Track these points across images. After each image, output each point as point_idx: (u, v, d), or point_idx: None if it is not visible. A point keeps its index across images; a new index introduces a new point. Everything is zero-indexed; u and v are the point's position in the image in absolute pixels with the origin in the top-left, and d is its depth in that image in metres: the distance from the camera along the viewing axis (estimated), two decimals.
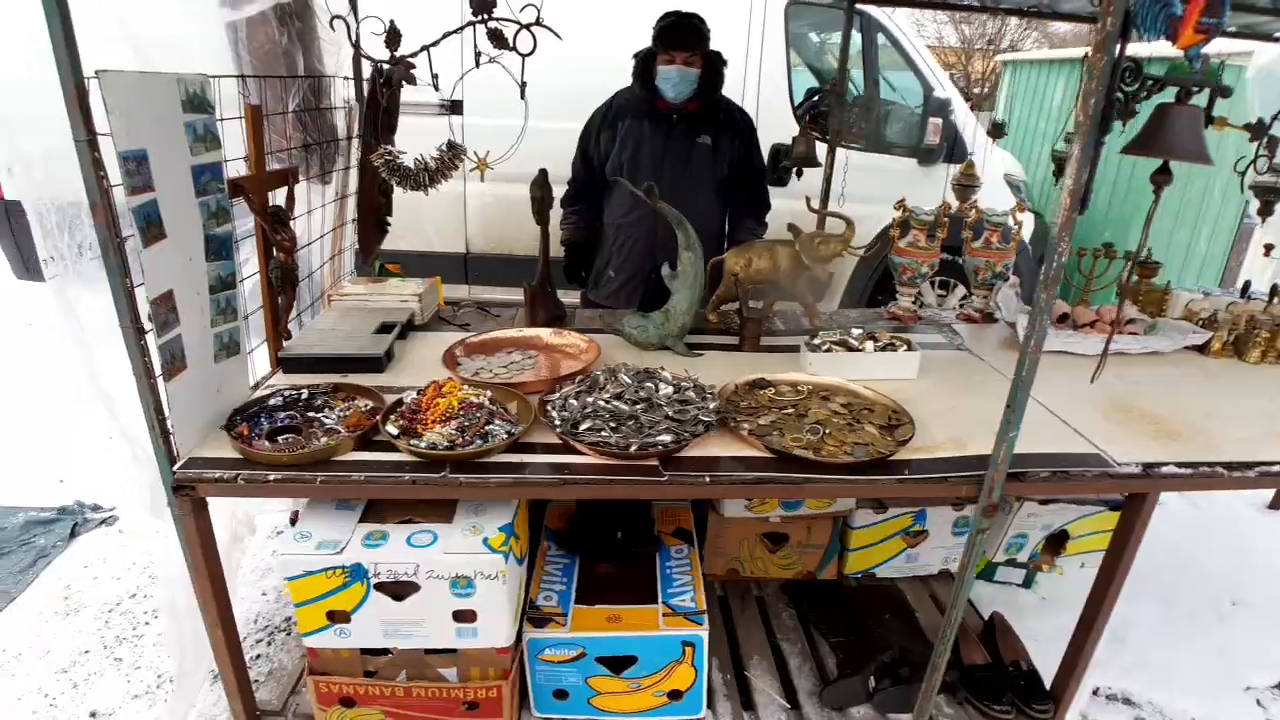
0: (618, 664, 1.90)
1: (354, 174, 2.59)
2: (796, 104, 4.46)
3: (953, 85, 4.75)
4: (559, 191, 2.52)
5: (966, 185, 2.66)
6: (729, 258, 2.44)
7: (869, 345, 2.20)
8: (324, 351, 2.03)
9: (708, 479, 1.63)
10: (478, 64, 2.02)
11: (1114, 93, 1.46)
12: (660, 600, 1.96)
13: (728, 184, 2.82)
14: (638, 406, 1.74)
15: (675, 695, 1.94)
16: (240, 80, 1.92)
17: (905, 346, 2.22)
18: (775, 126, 4.07)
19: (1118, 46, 1.37)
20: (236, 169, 1.90)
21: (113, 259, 1.42)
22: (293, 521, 3.08)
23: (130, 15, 1.61)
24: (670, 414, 1.73)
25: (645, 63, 2.64)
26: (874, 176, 4.15)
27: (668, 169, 2.64)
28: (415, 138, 2.30)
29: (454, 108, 4.30)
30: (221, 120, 1.71)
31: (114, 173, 1.37)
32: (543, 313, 2.42)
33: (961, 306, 2.85)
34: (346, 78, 2.48)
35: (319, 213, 2.44)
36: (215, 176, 1.69)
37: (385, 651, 1.76)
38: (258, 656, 2.36)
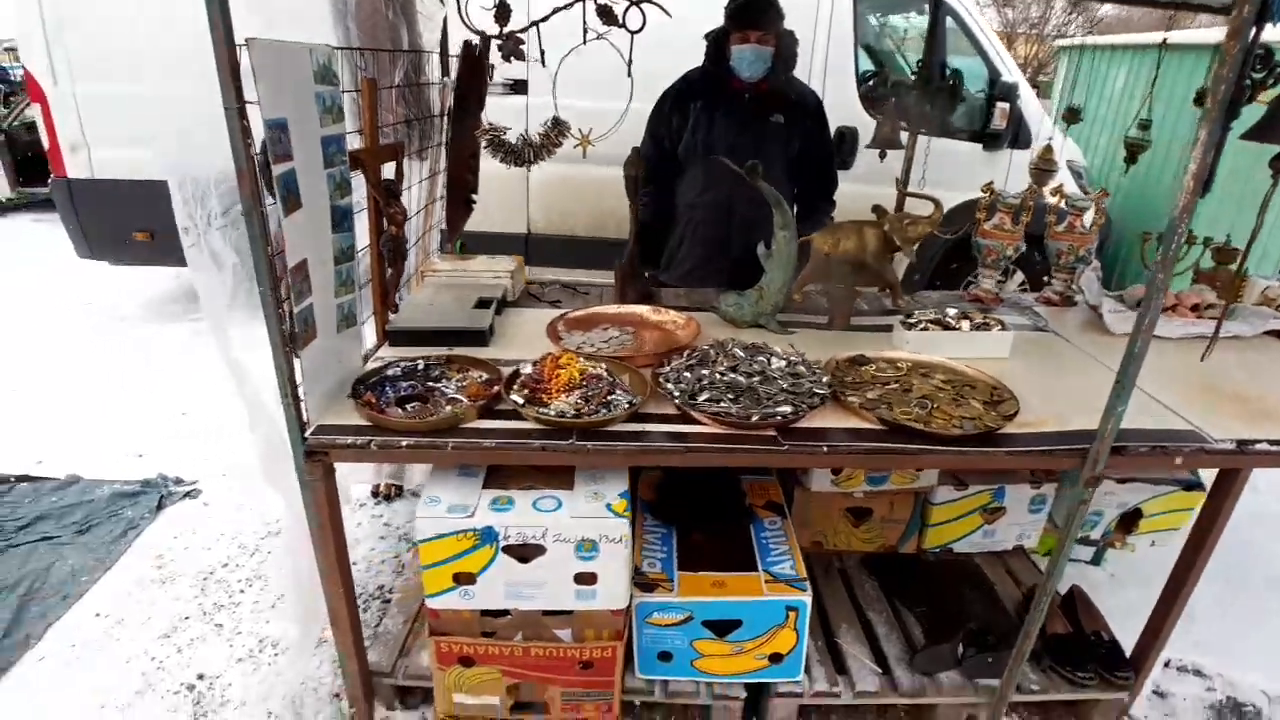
0: (721, 628, 1.95)
1: (442, 151, 2.63)
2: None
3: (1018, 69, 4.72)
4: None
5: (1045, 169, 2.66)
6: (817, 238, 2.46)
7: (965, 324, 2.22)
8: (430, 325, 2.08)
9: (825, 448, 1.67)
10: (585, 40, 2.05)
11: (1244, 79, 1.47)
12: (760, 568, 2.01)
13: (798, 164, 2.84)
14: (754, 379, 1.77)
15: (776, 658, 1.99)
16: (357, 53, 1.96)
17: (999, 326, 2.24)
18: (839, 109, 4.07)
19: (1252, 33, 1.38)
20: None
21: (256, 227, 1.46)
22: (374, 494, 3.19)
23: None
24: (785, 387, 1.76)
25: (718, 42, 2.66)
26: (938, 161, 4.14)
27: (741, 148, 2.66)
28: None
29: (517, 87, 4.35)
30: (345, 92, 1.75)
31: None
32: (632, 291, 2.46)
33: (1022, 290, 2.87)
34: (451, 55, 2.50)
35: (415, 189, 2.48)
36: (340, 149, 1.73)
37: (504, 613, 1.81)
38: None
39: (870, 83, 4.65)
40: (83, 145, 4.74)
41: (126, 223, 4.97)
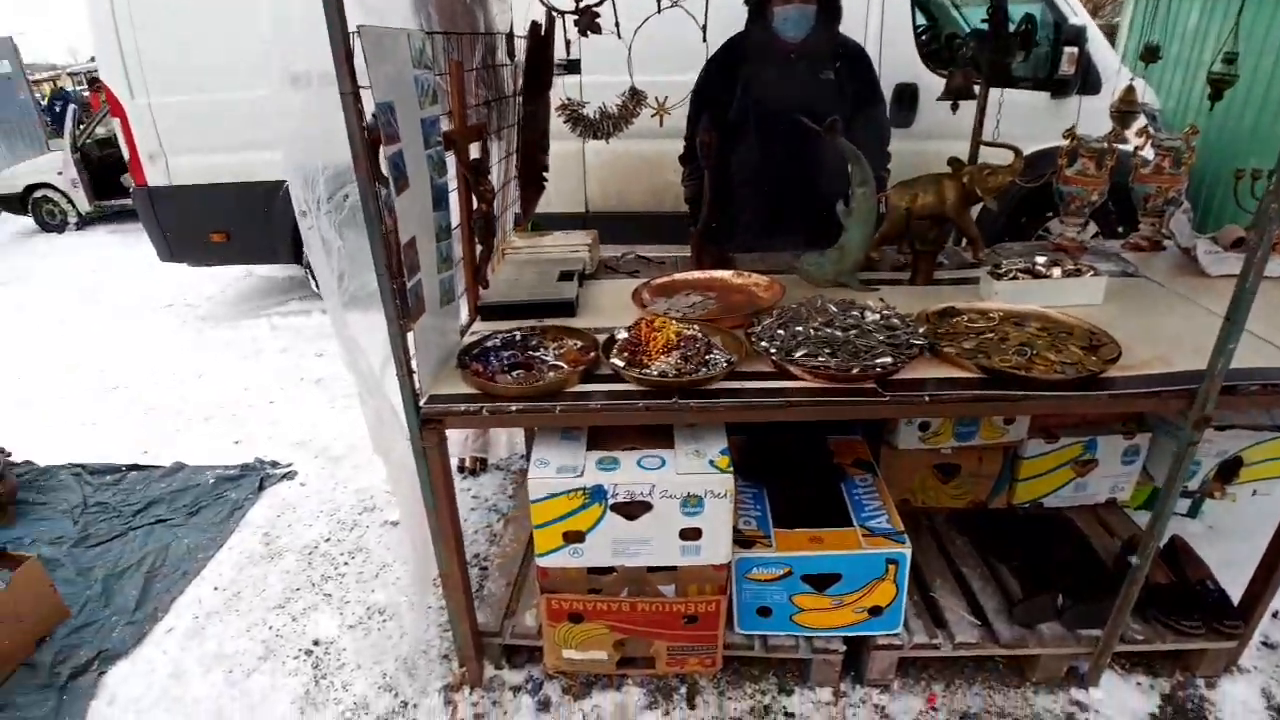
0: (821, 582, 1.98)
1: (514, 132, 2.68)
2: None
3: (1085, 11, 4.55)
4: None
5: (1127, 111, 2.59)
6: (893, 194, 2.44)
7: (1055, 272, 2.20)
8: (520, 299, 2.15)
9: (927, 398, 1.68)
10: (660, 9, 2.08)
11: None
12: (856, 523, 2.03)
13: (850, 119, 2.79)
14: (850, 333, 1.79)
15: (875, 611, 2.02)
16: (441, 37, 2.01)
17: (1091, 272, 2.21)
18: (898, 66, 4.01)
19: None
20: None
21: (372, 207, 1.53)
22: (460, 469, 3.30)
23: None
24: (881, 339, 1.78)
25: (759, 4, 2.63)
26: (1003, 112, 4.05)
27: (795, 108, 2.63)
28: None
29: (570, 67, 4.38)
30: (438, 75, 1.80)
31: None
32: (708, 258, 2.48)
33: (1095, 239, 2.80)
34: (520, 36, 2.55)
35: (495, 169, 2.55)
36: (435, 129, 1.79)
37: (610, 570, 1.88)
38: None
39: (924, 38, 4.55)
40: (160, 154, 4.98)
41: (203, 225, 5.24)
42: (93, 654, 2.47)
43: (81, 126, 9.28)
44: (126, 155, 5.05)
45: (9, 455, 3.50)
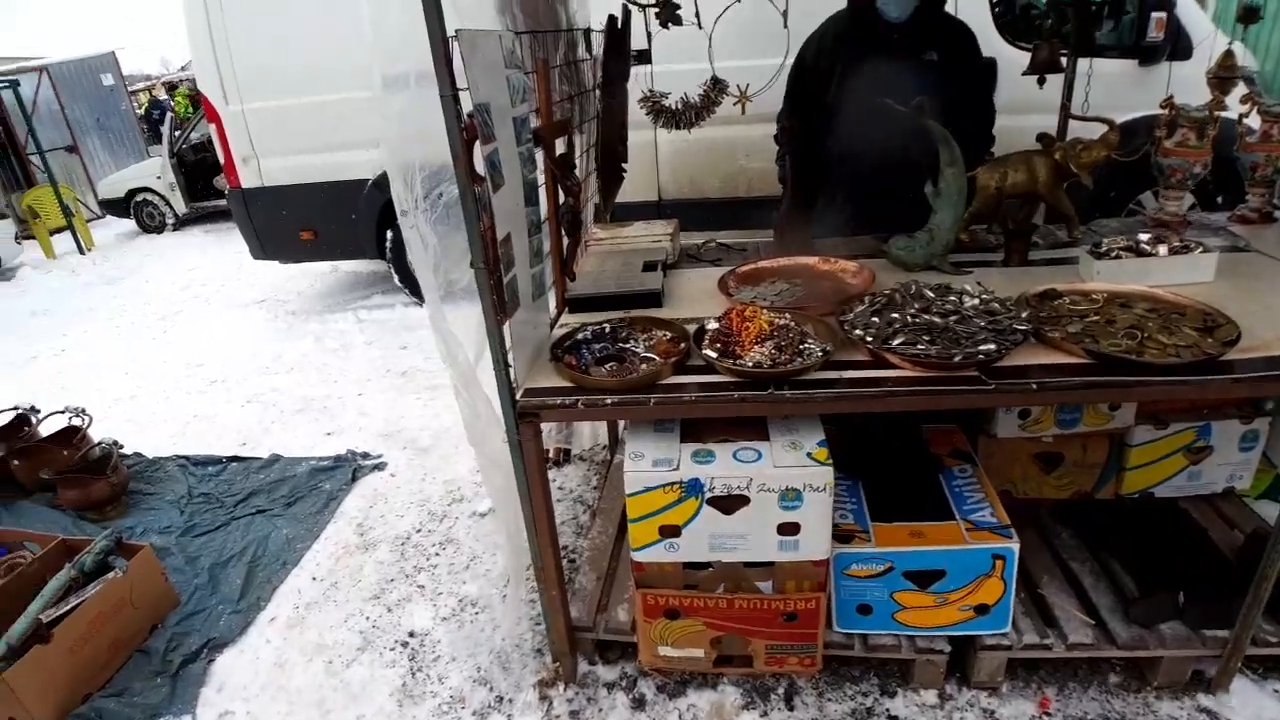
0: (923, 579, 1.92)
1: (595, 125, 2.68)
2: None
3: None
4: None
5: (1226, 77, 2.43)
6: (982, 173, 2.35)
7: (1161, 249, 2.08)
8: (607, 290, 2.14)
9: (1035, 385, 1.61)
10: None
11: None
12: (958, 517, 1.96)
13: (955, 101, 2.70)
14: (950, 319, 1.73)
15: (982, 609, 1.95)
16: (531, 36, 2.02)
17: (1200, 248, 2.08)
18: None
19: None
20: None
21: (471, 205, 1.54)
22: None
23: None
24: (983, 325, 1.71)
25: None
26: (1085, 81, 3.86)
27: (895, 90, 2.55)
28: None
29: (641, 57, 4.36)
30: (528, 74, 1.81)
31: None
32: (792, 244, 2.43)
33: (1192, 209, 2.64)
34: (597, 30, 2.55)
35: (578, 162, 2.55)
36: (526, 127, 1.80)
37: (705, 566, 1.86)
38: None
39: (998, 10, 4.36)
40: (253, 157, 5.24)
41: (293, 224, 5.47)
42: (202, 642, 2.59)
43: (177, 133, 9.79)
44: (221, 159, 5.34)
45: (121, 448, 3.68)
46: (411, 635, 2.53)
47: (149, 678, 2.47)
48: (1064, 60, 2.94)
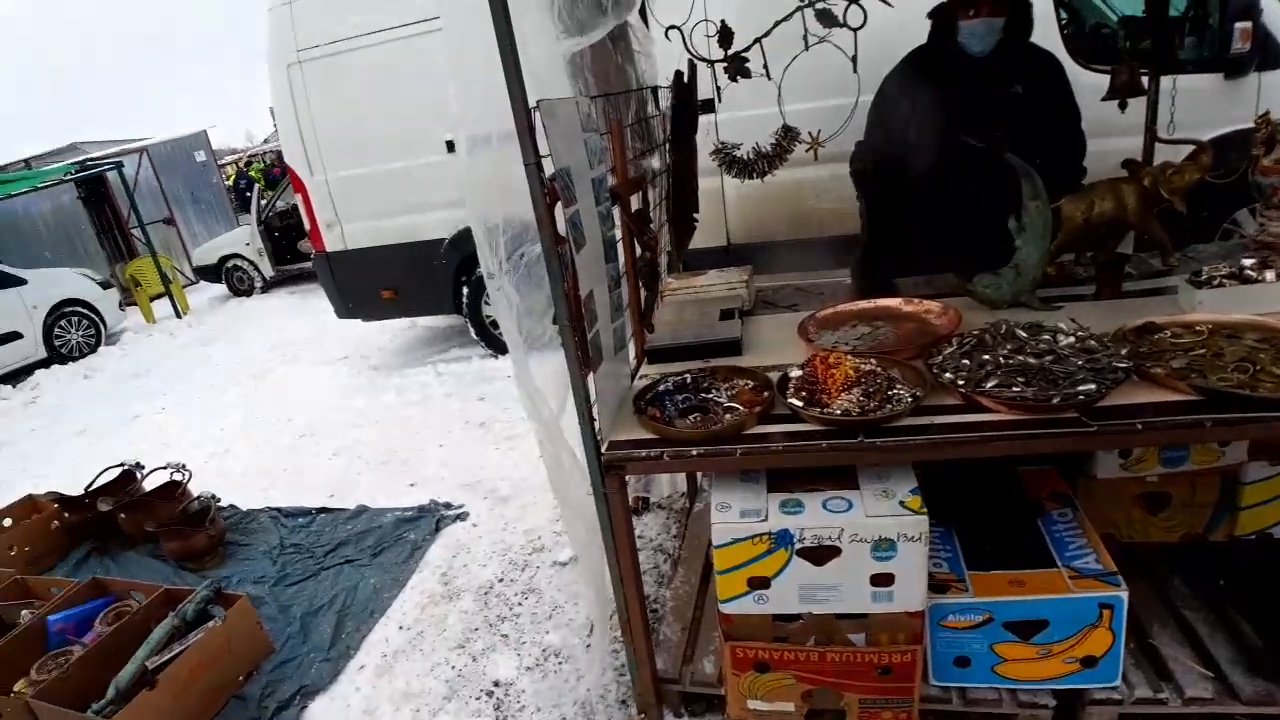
0: (1025, 629, 1.84)
1: (665, 178, 2.73)
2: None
3: None
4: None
5: None
6: (1066, 204, 2.29)
7: (1268, 274, 1.98)
8: (686, 340, 2.16)
9: (1139, 425, 1.54)
10: (806, 46, 2.06)
11: None
12: (1060, 564, 1.88)
13: (1042, 134, 2.64)
14: (1046, 359, 1.68)
15: (1089, 662, 1.85)
16: (604, 99, 2.08)
17: None
18: None
19: None
20: None
21: (555, 265, 1.58)
22: None
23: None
24: (1081, 364, 1.65)
25: (944, 18, 2.54)
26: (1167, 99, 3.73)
27: (978, 125, 2.52)
28: None
29: (704, 106, 4.43)
30: (603, 135, 1.86)
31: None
32: (870, 285, 2.41)
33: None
34: (664, 86, 2.62)
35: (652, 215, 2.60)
36: (604, 187, 1.85)
37: (795, 618, 1.82)
38: None
39: (1067, 31, 4.27)
40: (336, 222, 5.58)
41: (374, 284, 5.75)
42: (295, 689, 2.66)
43: (263, 202, 10.45)
44: (307, 225, 5.69)
45: (218, 501, 3.85)
46: (496, 685, 2.54)
47: None
48: (1145, 80, 2.86)
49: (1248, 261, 2.04)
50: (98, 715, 2.36)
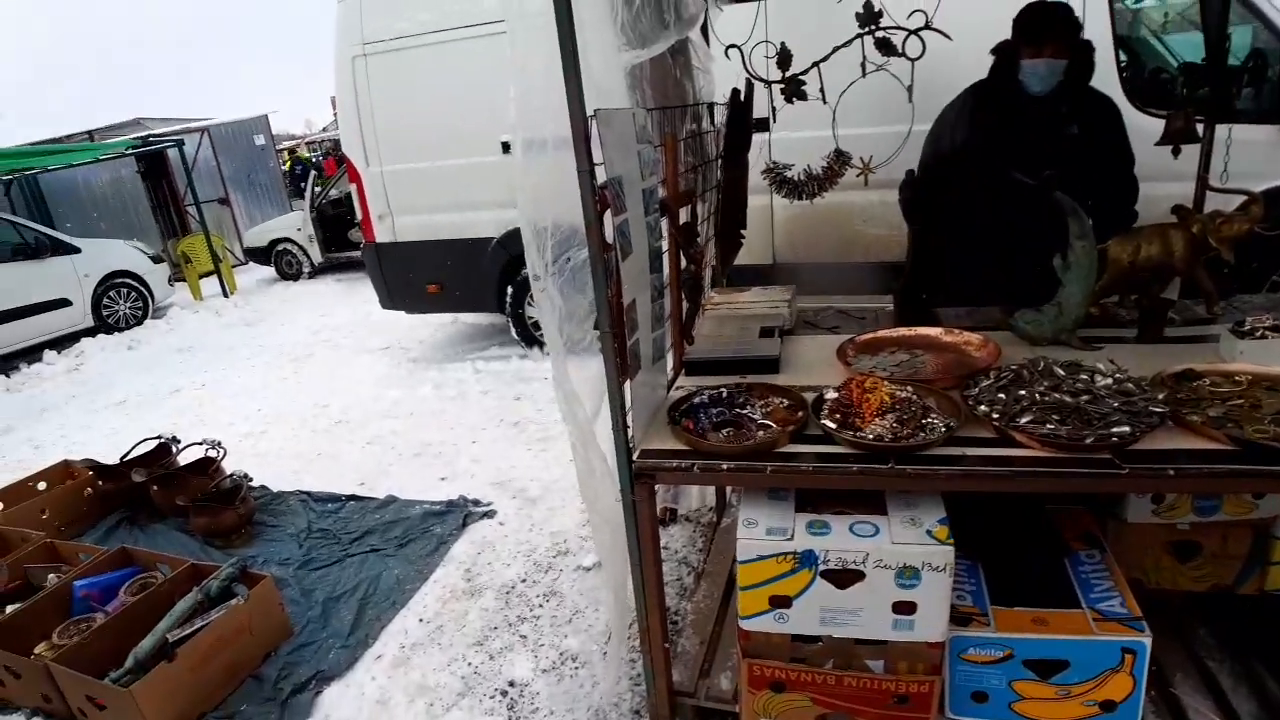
0: (1045, 669, 1.83)
1: (715, 193, 2.76)
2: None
3: None
4: None
5: None
6: (1113, 246, 2.28)
7: None
8: (725, 355, 2.18)
9: (1171, 471, 1.54)
10: (864, 73, 2.08)
11: None
12: (1084, 605, 1.87)
13: (1098, 176, 2.64)
14: (1082, 398, 1.68)
15: (1108, 706, 1.83)
16: (660, 112, 2.12)
17: None
18: None
19: None
20: None
21: (600, 272, 1.62)
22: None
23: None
24: (1116, 406, 1.65)
25: (1008, 55, 2.55)
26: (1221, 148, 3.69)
27: (1034, 163, 2.53)
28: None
29: (758, 125, 4.47)
30: (656, 148, 1.90)
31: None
32: (912, 313, 2.42)
33: None
34: (720, 103, 2.66)
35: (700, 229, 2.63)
36: (654, 198, 1.88)
37: (815, 640, 1.83)
38: None
39: (1126, 75, 4.25)
40: (388, 214, 5.70)
41: (421, 277, 5.88)
42: (311, 673, 2.71)
43: (318, 189, 10.69)
44: (359, 215, 5.82)
45: (250, 480, 3.95)
46: (511, 685, 2.57)
47: (260, 703, 2.61)
48: (1200, 128, 2.84)
49: None
50: (114, 683, 2.41)
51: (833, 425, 1.71)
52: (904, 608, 1.72)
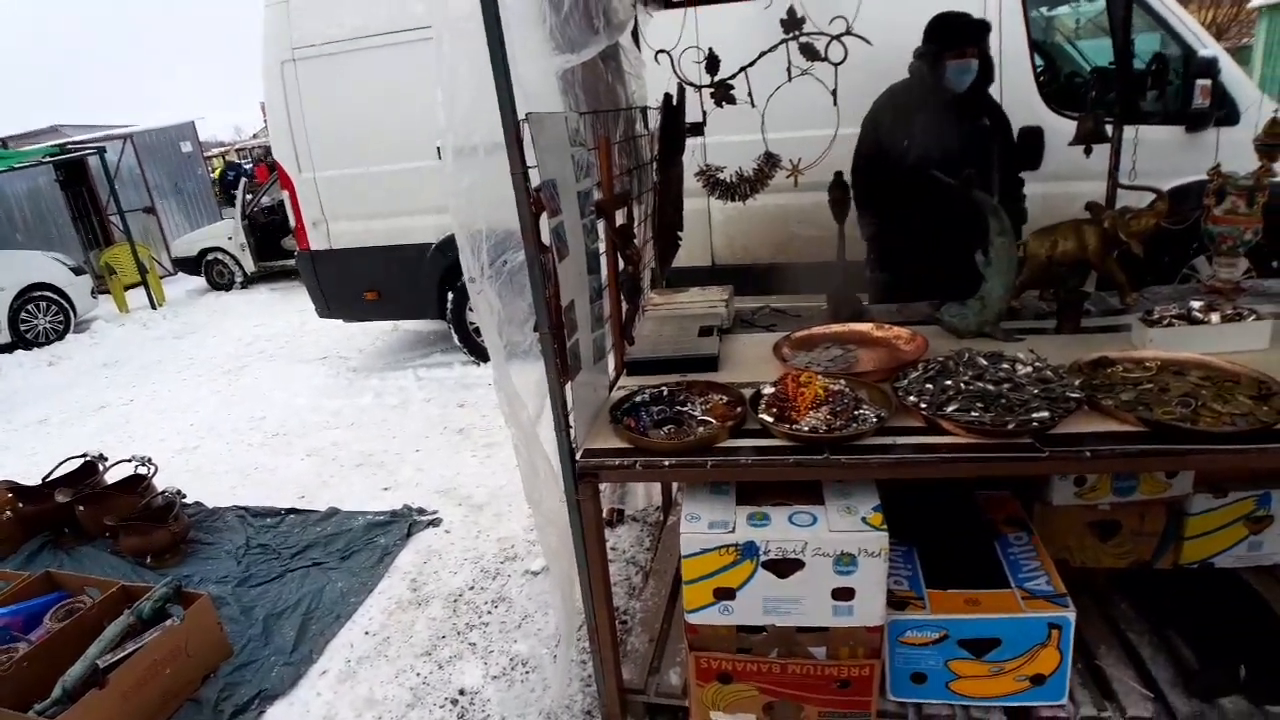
0: (979, 647, 1.91)
1: (650, 196, 2.80)
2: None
3: (1214, 41, 4.37)
4: None
5: (1273, 144, 2.45)
6: (1033, 242, 2.39)
7: (1214, 316, 2.08)
8: (665, 354, 2.21)
9: (1088, 453, 1.62)
10: (790, 78, 2.14)
11: None
12: (1013, 584, 1.95)
13: (996, 169, 2.82)
14: (1003, 386, 1.76)
15: (1038, 680, 1.92)
16: (593, 115, 2.14)
17: (1253, 316, 2.08)
18: (1020, 108, 3.94)
19: None
20: None
21: (537, 273, 1.64)
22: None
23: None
24: (1036, 393, 1.73)
25: (934, 59, 2.70)
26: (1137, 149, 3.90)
27: (960, 155, 2.66)
28: None
29: (693, 129, 4.53)
30: (590, 150, 1.92)
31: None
32: (845, 310, 2.49)
33: (1248, 277, 2.64)
34: (653, 108, 2.70)
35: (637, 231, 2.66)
36: (589, 200, 1.91)
37: (759, 630, 1.87)
38: None
39: (1043, 79, 4.46)
40: (322, 221, 5.59)
41: (358, 285, 5.75)
42: (253, 693, 2.64)
43: (249, 196, 10.38)
44: (293, 222, 5.68)
45: (183, 497, 3.82)
46: (462, 693, 2.56)
47: None
48: (1109, 129, 3.00)
49: (1196, 304, 2.15)
50: (40, 715, 2.30)
51: (770, 419, 1.75)
52: (843, 594, 1.78)
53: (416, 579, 3.19)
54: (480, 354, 5.75)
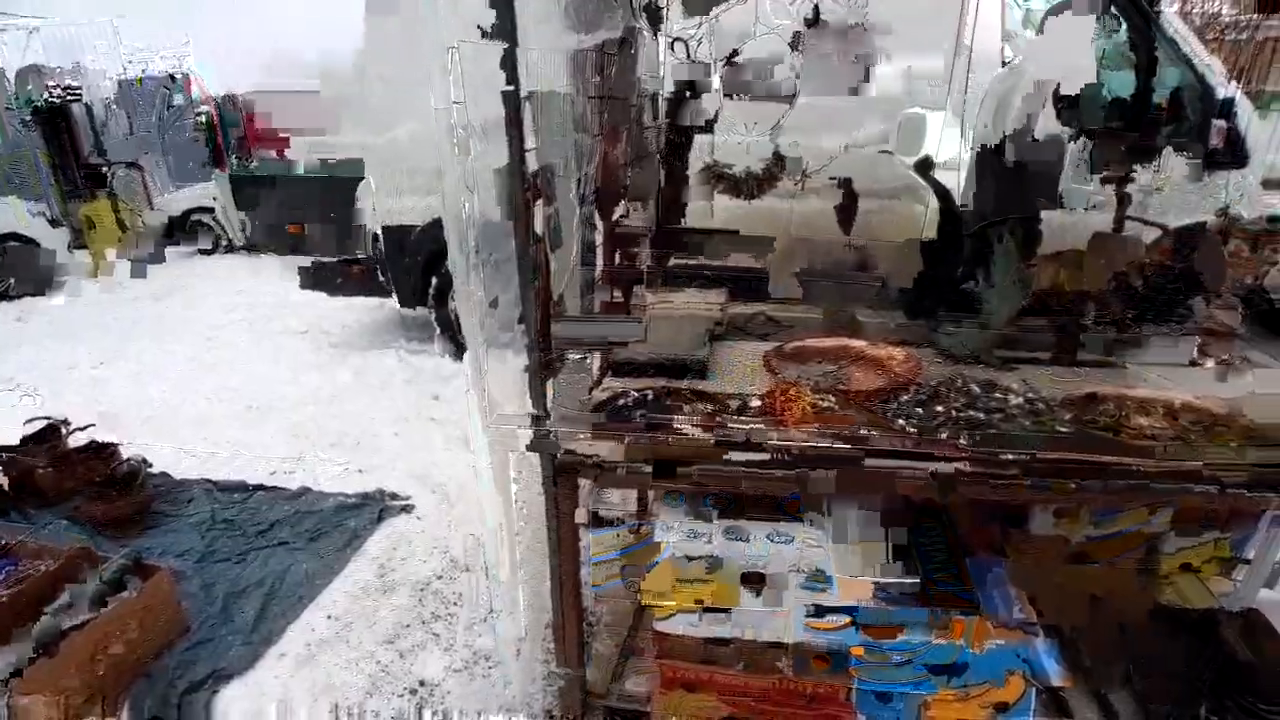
0: (945, 672, 1.89)
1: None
2: None
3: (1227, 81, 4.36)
4: None
5: None
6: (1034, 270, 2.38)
7: (1208, 361, 2.09)
8: (653, 357, 2.16)
9: (1073, 485, 1.62)
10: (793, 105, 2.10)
11: None
12: (985, 611, 1.94)
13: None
14: (994, 415, 1.74)
15: (1001, 707, 1.91)
16: (601, 100, 2.08)
17: (1247, 362, 2.09)
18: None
19: None
20: None
21: (527, 264, 1.59)
22: None
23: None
24: (1027, 425, 1.71)
25: None
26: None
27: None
28: None
29: (705, 126, 4.46)
30: (595, 138, 1.88)
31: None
32: (840, 324, 2.46)
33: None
34: (665, 97, 2.64)
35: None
36: (589, 190, 1.86)
37: (727, 642, 1.84)
38: None
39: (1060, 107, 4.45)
40: None
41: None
42: (208, 671, 2.58)
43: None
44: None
45: (149, 466, 3.72)
46: (421, 684, 2.52)
47: (151, 703, 2.47)
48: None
49: (1190, 344, 2.14)
50: None
51: (753, 432, 1.72)
52: (814, 611, 1.75)
53: (385, 565, 3.14)
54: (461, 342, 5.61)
